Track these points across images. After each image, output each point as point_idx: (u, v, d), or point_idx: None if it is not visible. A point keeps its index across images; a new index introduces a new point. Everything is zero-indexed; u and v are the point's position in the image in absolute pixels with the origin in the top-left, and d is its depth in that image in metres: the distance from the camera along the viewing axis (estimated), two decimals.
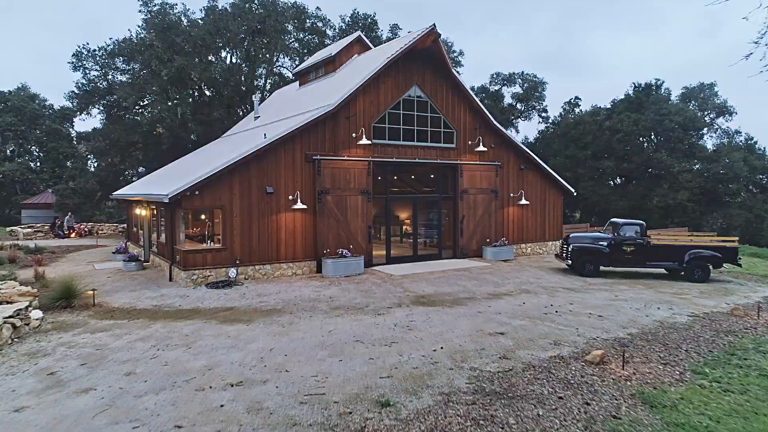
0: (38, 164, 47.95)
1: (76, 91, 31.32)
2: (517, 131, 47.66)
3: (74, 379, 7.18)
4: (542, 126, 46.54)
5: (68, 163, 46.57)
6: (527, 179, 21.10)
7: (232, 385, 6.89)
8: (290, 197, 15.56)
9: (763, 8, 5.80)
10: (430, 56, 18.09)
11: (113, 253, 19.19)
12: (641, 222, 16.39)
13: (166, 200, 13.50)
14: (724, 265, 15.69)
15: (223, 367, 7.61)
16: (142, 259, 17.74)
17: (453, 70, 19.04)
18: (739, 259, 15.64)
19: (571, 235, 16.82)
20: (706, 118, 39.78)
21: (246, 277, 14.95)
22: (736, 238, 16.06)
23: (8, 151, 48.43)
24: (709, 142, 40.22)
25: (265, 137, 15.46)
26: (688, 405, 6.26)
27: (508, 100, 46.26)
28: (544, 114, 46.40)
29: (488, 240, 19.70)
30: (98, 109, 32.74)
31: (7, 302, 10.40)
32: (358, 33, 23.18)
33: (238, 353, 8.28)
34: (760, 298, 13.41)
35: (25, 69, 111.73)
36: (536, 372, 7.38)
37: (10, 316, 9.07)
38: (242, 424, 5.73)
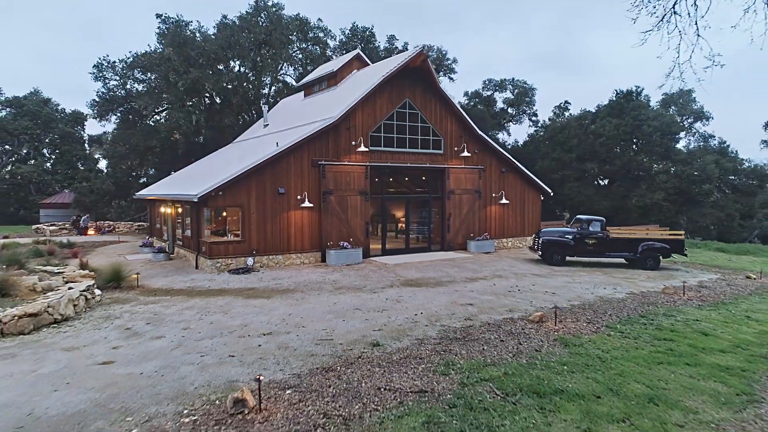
0: (51, 166, 50.41)
1: (97, 99, 33.86)
2: (509, 134, 50.22)
3: (146, 331, 9.68)
4: (532, 129, 49.16)
5: (79, 164, 49.13)
6: (508, 181, 23.63)
7: (264, 335, 9.40)
8: (299, 197, 18.06)
9: (672, 50, 8.42)
10: (420, 73, 20.60)
11: (140, 246, 21.69)
12: (602, 218, 18.90)
13: (195, 199, 16.01)
14: (673, 255, 18.22)
15: (255, 325, 10.11)
16: (168, 251, 20.24)
17: (440, 86, 21.53)
18: (685, 250, 18.16)
19: (542, 230, 19.34)
20: (684, 123, 42.37)
21: (261, 265, 17.45)
22: (683, 232, 18.58)
23: (23, 153, 50.95)
24: (688, 145, 42.85)
25: (277, 145, 17.96)
26: (591, 344, 8.76)
27: (500, 104, 48.86)
28: (534, 118, 49.02)
29: (472, 235, 22.22)
30: (116, 115, 35.27)
31: (73, 282, 12.92)
32: (357, 51, 25.72)
33: (265, 316, 10.79)
34: (697, 282, 15.91)
35: (25, 69, 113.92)
36: (489, 327, 9.89)
37: (84, 290, 11.58)
38: (275, 355, 8.23)
